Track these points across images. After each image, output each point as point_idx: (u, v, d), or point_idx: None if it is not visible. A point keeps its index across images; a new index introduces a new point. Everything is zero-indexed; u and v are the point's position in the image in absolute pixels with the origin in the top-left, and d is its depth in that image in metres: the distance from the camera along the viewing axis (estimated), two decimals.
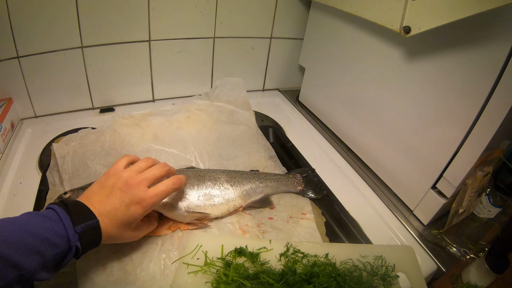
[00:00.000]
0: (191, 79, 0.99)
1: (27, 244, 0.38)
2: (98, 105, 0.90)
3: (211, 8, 0.88)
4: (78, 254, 0.44)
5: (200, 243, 0.52)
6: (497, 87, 0.55)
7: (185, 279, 0.47)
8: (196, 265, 0.49)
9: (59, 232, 0.42)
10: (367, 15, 0.72)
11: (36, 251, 0.39)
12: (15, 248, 0.37)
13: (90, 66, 0.82)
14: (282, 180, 0.71)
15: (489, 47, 0.55)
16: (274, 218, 0.64)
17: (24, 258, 0.37)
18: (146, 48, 0.86)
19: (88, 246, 0.45)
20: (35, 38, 0.73)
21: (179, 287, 0.46)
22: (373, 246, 0.59)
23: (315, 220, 0.65)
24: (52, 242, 0.40)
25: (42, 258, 0.39)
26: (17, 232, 0.38)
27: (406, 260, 0.52)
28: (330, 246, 0.54)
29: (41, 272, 0.39)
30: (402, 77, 0.71)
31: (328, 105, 0.97)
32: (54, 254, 0.40)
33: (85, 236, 0.44)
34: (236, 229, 0.61)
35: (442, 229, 0.70)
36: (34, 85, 0.79)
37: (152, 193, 0.50)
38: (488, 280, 0.67)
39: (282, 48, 1.06)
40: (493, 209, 0.75)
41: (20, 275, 0.37)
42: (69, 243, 0.42)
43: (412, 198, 0.74)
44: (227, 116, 0.88)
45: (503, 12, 0.53)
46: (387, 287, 0.48)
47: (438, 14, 0.58)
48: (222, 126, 0.85)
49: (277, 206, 0.67)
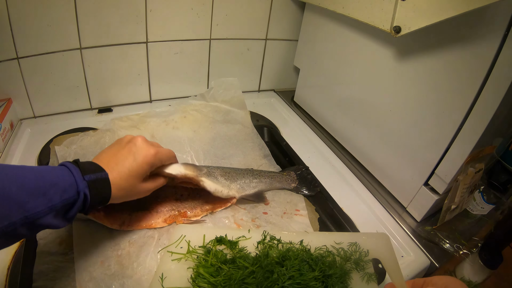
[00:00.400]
0: (188, 80, 1.00)
1: (35, 185, 0.38)
2: (96, 106, 0.91)
3: (207, 10, 0.90)
4: (87, 205, 0.44)
5: (184, 234, 0.55)
6: (485, 84, 0.57)
7: (168, 266, 0.50)
8: (179, 253, 0.51)
9: (67, 179, 0.42)
10: (359, 16, 0.73)
11: (43, 193, 0.39)
12: (22, 188, 0.37)
13: (89, 67, 0.83)
14: (276, 177, 0.72)
15: (477, 45, 0.57)
16: (269, 213, 0.65)
17: (30, 199, 0.37)
18: (144, 50, 0.88)
19: (97, 197, 0.45)
20: (34, 40, 0.74)
21: (163, 273, 0.48)
22: (348, 234, 0.60)
23: (308, 216, 0.66)
24: (60, 187, 0.41)
25: (50, 202, 0.39)
26: (25, 174, 0.38)
27: (381, 247, 0.53)
28: (305, 235, 0.56)
29: (48, 217, 0.39)
30: (394, 76, 0.72)
31: (322, 105, 0.98)
32: (62, 200, 0.40)
33: (94, 185, 0.45)
34: (231, 223, 0.62)
35: (435, 225, 0.71)
36: (33, 86, 0.80)
37: (158, 150, 0.53)
38: (482, 275, 0.68)
39: (277, 49, 1.07)
40: (486, 206, 0.76)
41: (26, 217, 0.37)
42: (77, 189, 0.43)
43: (405, 195, 0.75)
44: (223, 115, 0.90)
45: (490, 11, 0.54)
46: (360, 271, 0.49)
47: (427, 14, 0.59)
48: (218, 126, 0.86)
49: (272, 202, 0.69)
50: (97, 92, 0.89)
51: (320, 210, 0.70)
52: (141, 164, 0.50)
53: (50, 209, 0.39)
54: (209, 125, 0.86)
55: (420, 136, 0.69)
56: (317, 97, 1.00)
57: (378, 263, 0.55)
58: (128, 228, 0.58)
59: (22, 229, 0.37)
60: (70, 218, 0.43)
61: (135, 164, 0.50)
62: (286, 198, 0.70)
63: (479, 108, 0.58)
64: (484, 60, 0.56)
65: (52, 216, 0.40)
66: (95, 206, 0.46)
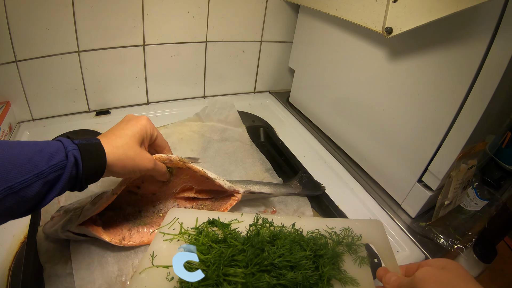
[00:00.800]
0: (184, 82, 1.02)
1: (18, 153, 0.36)
2: (94, 108, 0.92)
3: (203, 13, 0.91)
4: (80, 173, 0.41)
5: (177, 217, 0.55)
6: (475, 82, 0.58)
7: (160, 245, 0.49)
8: (171, 234, 0.51)
9: (54, 144, 0.40)
10: (351, 18, 0.75)
11: (28, 160, 0.36)
12: (3, 157, 0.35)
13: (87, 70, 0.84)
14: (280, 186, 0.72)
15: (467, 44, 0.58)
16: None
17: (13, 167, 0.35)
18: (141, 53, 0.89)
19: (91, 163, 0.42)
20: (32, 43, 0.75)
21: (154, 251, 0.48)
22: (341, 220, 0.60)
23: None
24: (46, 152, 0.38)
25: (36, 168, 0.36)
26: (7, 144, 0.37)
27: (374, 233, 0.54)
28: (298, 219, 0.56)
29: (35, 185, 0.36)
30: (386, 76, 0.74)
31: (317, 105, 1.00)
32: (49, 166, 0.38)
33: (85, 148, 0.41)
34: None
35: (429, 221, 0.72)
36: (32, 89, 0.81)
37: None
38: (477, 270, 0.69)
39: (272, 51, 1.09)
40: (480, 202, 0.78)
41: (9, 187, 0.34)
42: (65, 152, 0.40)
43: (400, 192, 0.76)
44: (220, 134, 0.88)
45: (479, 11, 0.56)
46: (353, 254, 0.50)
47: (417, 14, 0.61)
48: (217, 144, 0.85)
49: (279, 211, 0.69)
50: (95, 94, 0.90)
51: (316, 207, 0.71)
52: (134, 124, 0.50)
53: (37, 177, 0.36)
54: (207, 144, 0.85)
55: (412, 134, 0.70)
56: (312, 98, 1.02)
57: (374, 256, 0.56)
58: (129, 244, 0.55)
59: (8, 201, 0.35)
60: (62, 187, 0.40)
61: (130, 124, 0.50)
62: (293, 205, 0.71)
63: (470, 106, 0.59)
64: (474, 59, 0.58)
65: (40, 185, 0.37)
66: (91, 177, 0.43)
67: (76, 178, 0.41)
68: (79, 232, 0.53)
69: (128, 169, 0.47)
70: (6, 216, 0.36)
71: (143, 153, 0.50)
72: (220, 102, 0.93)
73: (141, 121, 0.52)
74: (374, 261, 0.58)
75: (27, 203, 0.37)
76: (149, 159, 0.51)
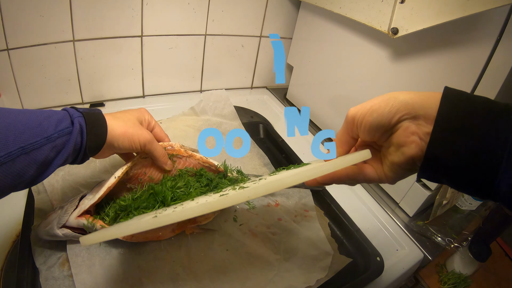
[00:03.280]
0: (182, 75, 0.99)
1: (29, 118, 0.39)
2: (88, 100, 0.88)
3: (204, 6, 0.89)
4: (84, 141, 0.43)
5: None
6: (478, 85, 0.60)
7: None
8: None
9: (60, 113, 0.43)
10: (356, 17, 0.75)
11: (38, 124, 0.39)
12: (17, 120, 0.37)
13: (81, 60, 0.81)
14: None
15: (471, 48, 0.59)
16: (283, 219, 0.65)
17: (25, 129, 0.37)
18: (138, 44, 0.86)
19: (93, 130, 0.44)
20: (26, 31, 0.71)
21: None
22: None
23: (319, 221, 0.66)
24: (54, 118, 0.41)
25: (45, 132, 0.39)
26: (18, 111, 0.39)
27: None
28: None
29: (44, 148, 0.39)
30: (388, 76, 0.75)
31: (315, 103, 1.00)
32: (57, 130, 0.40)
33: (88, 116, 0.44)
34: (246, 231, 0.61)
35: (427, 220, 0.74)
36: (23, 79, 0.76)
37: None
38: (471, 268, 0.71)
39: (271, 47, 1.07)
40: (474, 202, 0.80)
41: (22, 147, 0.37)
42: (71, 119, 0.42)
43: (398, 191, 0.77)
44: (216, 128, 0.86)
45: (484, 17, 0.57)
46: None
47: (424, 17, 0.61)
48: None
49: (281, 204, 0.69)
50: (89, 86, 0.86)
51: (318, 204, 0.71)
52: (132, 110, 0.53)
53: (47, 140, 0.39)
54: None
55: None
56: (310, 95, 1.02)
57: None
58: (136, 240, 0.54)
59: (20, 162, 0.37)
60: (68, 154, 0.42)
61: (127, 110, 0.52)
62: (295, 197, 0.71)
63: None
64: (477, 63, 0.59)
65: (49, 148, 0.39)
66: (93, 145, 0.45)
67: (80, 146, 0.44)
68: (78, 225, 0.49)
69: (128, 137, 0.48)
70: (15, 180, 0.37)
71: (142, 126, 0.52)
72: (215, 95, 0.91)
73: (139, 109, 0.54)
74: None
75: (35, 167, 0.39)
76: (148, 132, 0.52)
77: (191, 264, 0.55)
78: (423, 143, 0.33)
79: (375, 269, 0.59)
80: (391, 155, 0.37)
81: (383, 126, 0.35)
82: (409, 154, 0.34)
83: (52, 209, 0.57)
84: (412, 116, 0.34)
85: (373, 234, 0.68)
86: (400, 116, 0.34)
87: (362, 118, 0.37)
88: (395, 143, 0.35)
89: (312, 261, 0.58)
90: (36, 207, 0.58)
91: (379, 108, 0.35)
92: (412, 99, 0.34)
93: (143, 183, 0.56)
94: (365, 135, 0.38)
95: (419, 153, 0.33)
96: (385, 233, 0.70)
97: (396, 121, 0.34)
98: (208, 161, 0.60)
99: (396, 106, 0.34)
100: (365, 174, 0.40)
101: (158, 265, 0.53)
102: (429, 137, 0.32)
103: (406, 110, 0.34)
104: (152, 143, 0.51)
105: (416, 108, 0.33)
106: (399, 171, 0.37)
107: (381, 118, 0.35)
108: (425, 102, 0.33)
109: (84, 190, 0.63)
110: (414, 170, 0.36)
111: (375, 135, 0.37)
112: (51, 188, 0.61)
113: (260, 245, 0.60)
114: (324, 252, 0.60)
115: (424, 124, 0.33)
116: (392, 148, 0.36)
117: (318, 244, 0.61)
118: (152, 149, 0.52)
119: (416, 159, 0.34)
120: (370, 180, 0.40)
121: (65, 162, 0.43)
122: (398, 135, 0.35)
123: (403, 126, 0.34)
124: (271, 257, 0.58)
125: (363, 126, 0.37)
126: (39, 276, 0.49)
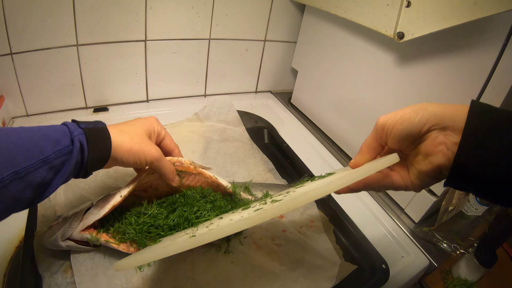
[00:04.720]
0: (186, 79, 0.99)
1: (24, 138, 0.36)
2: (92, 105, 0.88)
3: (208, 10, 0.89)
4: (85, 159, 0.41)
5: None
6: (485, 90, 0.59)
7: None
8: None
9: (59, 129, 0.39)
10: (361, 21, 0.74)
11: (34, 145, 0.36)
12: (10, 142, 0.35)
13: (85, 64, 0.81)
14: (285, 187, 0.71)
15: (478, 53, 0.59)
16: (288, 230, 0.65)
17: (19, 153, 0.35)
18: (142, 48, 0.86)
19: (96, 149, 0.41)
20: (29, 35, 0.71)
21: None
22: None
23: (324, 228, 0.66)
24: (52, 137, 0.38)
25: (41, 153, 0.36)
26: (14, 130, 0.36)
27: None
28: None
29: (40, 170, 0.36)
30: (394, 80, 0.74)
31: (320, 107, 0.99)
32: (55, 151, 0.38)
33: (91, 132, 0.41)
34: (250, 244, 0.61)
35: (432, 226, 0.73)
36: (27, 83, 0.77)
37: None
38: (477, 274, 0.70)
39: (275, 51, 1.07)
40: (480, 208, 0.79)
41: (15, 172, 0.34)
42: (71, 137, 0.40)
43: (403, 196, 0.76)
44: (220, 134, 0.86)
45: (491, 21, 0.56)
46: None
47: (430, 21, 0.61)
48: (217, 145, 0.83)
49: (286, 215, 0.68)
50: (93, 90, 0.86)
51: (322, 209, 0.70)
52: (141, 120, 0.51)
53: (43, 162, 0.36)
54: (207, 145, 0.83)
55: None
56: (315, 99, 1.01)
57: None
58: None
59: (13, 187, 0.34)
60: (68, 173, 0.40)
61: (136, 120, 0.51)
62: (300, 209, 0.70)
63: None
64: (484, 67, 0.58)
65: (45, 170, 0.37)
66: (96, 162, 0.42)
67: (81, 163, 0.41)
68: (81, 239, 0.50)
69: (133, 154, 0.46)
70: (11, 204, 0.35)
71: (150, 142, 0.49)
72: (219, 101, 0.91)
73: (149, 118, 0.52)
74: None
75: (32, 190, 0.36)
76: (156, 148, 0.49)
77: (195, 276, 0.54)
78: (450, 153, 0.34)
79: (380, 277, 0.58)
80: (418, 163, 0.38)
81: (413, 135, 0.36)
82: (436, 163, 0.35)
83: (55, 216, 0.57)
84: (441, 127, 0.35)
85: (378, 240, 0.68)
86: (429, 126, 0.35)
87: (393, 126, 0.38)
88: (423, 152, 0.37)
89: (318, 271, 0.57)
90: (39, 213, 0.58)
91: (410, 117, 0.36)
92: (442, 110, 0.35)
93: (150, 197, 0.56)
94: (394, 143, 0.39)
95: (446, 162, 0.35)
96: (391, 240, 0.70)
97: (426, 131, 0.36)
98: (217, 181, 0.59)
99: (426, 117, 0.35)
100: (393, 181, 0.41)
101: (162, 277, 0.53)
102: (456, 147, 0.33)
103: (435, 120, 0.35)
104: (159, 161, 0.50)
105: (445, 119, 0.35)
106: (426, 179, 0.38)
107: (411, 128, 0.36)
108: (453, 114, 0.34)
109: (86, 196, 0.63)
110: (440, 178, 0.37)
111: (404, 143, 0.38)
112: (54, 194, 0.61)
113: (265, 256, 0.59)
114: (331, 262, 0.59)
115: (452, 134, 0.34)
116: (419, 157, 0.38)
117: (324, 254, 0.61)
118: (160, 167, 0.50)
119: (443, 168, 0.35)
120: (397, 187, 0.41)
121: (66, 180, 0.41)
122: (426, 144, 0.36)
123: (432, 136, 0.36)
124: (277, 268, 0.57)
125: (393, 134, 0.38)
126: (42, 282, 0.49)
